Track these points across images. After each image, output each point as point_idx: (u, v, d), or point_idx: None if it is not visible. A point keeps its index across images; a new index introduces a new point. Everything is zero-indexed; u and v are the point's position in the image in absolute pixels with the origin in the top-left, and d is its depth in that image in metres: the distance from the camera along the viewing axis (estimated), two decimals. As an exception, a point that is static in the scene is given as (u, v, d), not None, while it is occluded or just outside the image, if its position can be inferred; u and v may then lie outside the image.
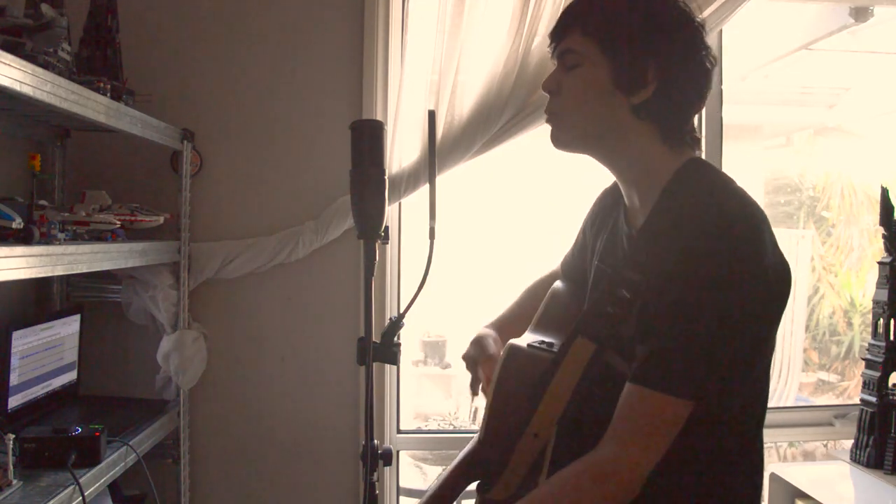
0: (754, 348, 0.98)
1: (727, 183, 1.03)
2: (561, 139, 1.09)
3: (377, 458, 1.04)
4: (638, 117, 1.03)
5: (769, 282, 0.96)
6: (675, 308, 0.94)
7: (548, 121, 1.09)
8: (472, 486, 1.15)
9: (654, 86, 1.01)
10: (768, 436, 1.09)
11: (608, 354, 1.03)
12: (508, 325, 1.35)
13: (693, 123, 1.08)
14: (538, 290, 1.37)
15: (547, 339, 1.12)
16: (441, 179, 2.04)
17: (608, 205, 1.22)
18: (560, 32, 1.07)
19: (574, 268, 1.30)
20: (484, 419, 1.12)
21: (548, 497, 0.96)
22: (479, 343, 1.28)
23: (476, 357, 1.27)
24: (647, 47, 1.01)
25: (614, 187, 1.22)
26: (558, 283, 1.30)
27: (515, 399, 1.06)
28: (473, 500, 1.14)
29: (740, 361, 0.97)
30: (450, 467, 1.18)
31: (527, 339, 1.14)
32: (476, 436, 1.18)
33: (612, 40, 1.02)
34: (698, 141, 1.09)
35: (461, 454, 1.18)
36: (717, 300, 0.92)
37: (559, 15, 1.09)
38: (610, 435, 0.95)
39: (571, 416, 1.02)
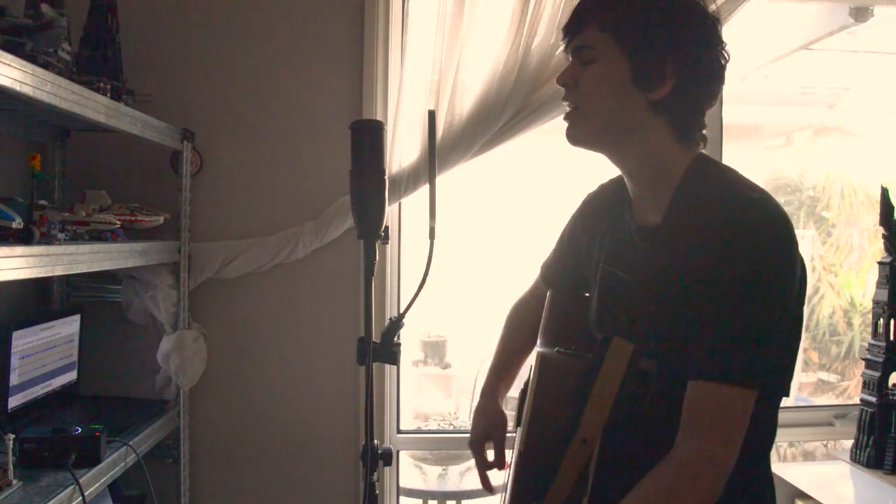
0: (797, 336, 1.01)
1: (739, 176, 1.04)
2: (578, 136, 1.08)
3: (377, 458, 1.04)
4: (655, 113, 1.03)
5: (800, 271, 0.98)
6: (726, 303, 0.95)
7: (566, 117, 1.08)
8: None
9: (672, 82, 1.01)
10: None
11: (641, 359, 1.02)
12: (506, 366, 1.37)
13: (704, 120, 1.08)
14: (520, 315, 1.38)
15: (572, 346, 1.11)
16: (441, 179, 2.04)
17: (602, 207, 1.22)
18: (575, 27, 1.06)
19: (561, 274, 1.31)
20: (523, 432, 1.10)
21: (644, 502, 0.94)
22: (482, 427, 1.31)
23: (482, 438, 1.30)
24: (665, 43, 1.01)
25: (604, 189, 1.23)
26: (552, 294, 1.29)
27: (557, 407, 1.05)
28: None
29: (790, 347, 0.99)
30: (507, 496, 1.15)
31: (552, 348, 1.14)
32: (514, 451, 1.16)
33: (630, 36, 1.01)
34: (706, 138, 1.09)
35: (509, 477, 1.15)
36: (762, 291, 0.94)
37: (573, 9, 1.08)
38: (686, 434, 0.94)
39: (616, 419, 1.01)
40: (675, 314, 0.99)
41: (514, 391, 1.37)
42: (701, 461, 0.92)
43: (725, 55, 1.04)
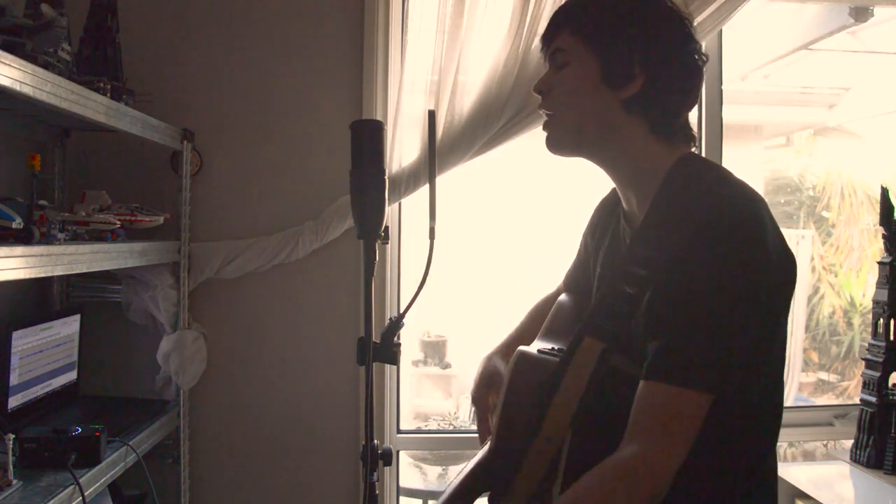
0: (767, 335, 0.96)
1: (723, 173, 1.03)
2: (557, 142, 1.09)
3: (377, 458, 1.04)
4: (628, 112, 1.03)
5: (774, 266, 0.94)
6: (683, 300, 0.92)
7: (545, 126, 1.09)
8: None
9: (641, 79, 1.01)
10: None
11: (614, 357, 1.01)
12: (513, 347, 1.34)
13: (686, 119, 1.08)
14: (542, 309, 1.35)
15: (556, 346, 1.10)
16: (441, 179, 2.04)
17: (606, 214, 1.22)
18: (550, 35, 1.08)
19: (577, 281, 1.30)
20: (494, 428, 1.09)
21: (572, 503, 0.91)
22: (485, 379, 1.26)
23: (483, 395, 1.25)
24: (632, 40, 1.02)
25: (611, 196, 1.23)
26: (563, 297, 1.29)
27: (525, 405, 1.03)
28: (476, 501, 1.13)
29: (755, 349, 0.94)
30: (459, 476, 1.14)
31: (536, 346, 1.13)
32: (486, 445, 1.15)
33: (598, 36, 1.03)
34: (693, 138, 1.08)
35: (471, 463, 1.15)
36: (724, 288, 0.91)
37: (549, 19, 1.10)
38: (630, 435, 0.91)
39: (584, 418, 0.98)
40: (646, 312, 0.98)
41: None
42: (639, 465, 0.89)
43: (701, 56, 1.05)
